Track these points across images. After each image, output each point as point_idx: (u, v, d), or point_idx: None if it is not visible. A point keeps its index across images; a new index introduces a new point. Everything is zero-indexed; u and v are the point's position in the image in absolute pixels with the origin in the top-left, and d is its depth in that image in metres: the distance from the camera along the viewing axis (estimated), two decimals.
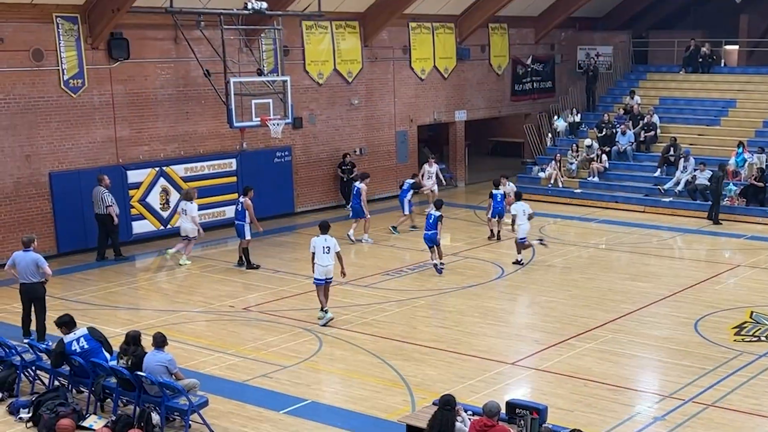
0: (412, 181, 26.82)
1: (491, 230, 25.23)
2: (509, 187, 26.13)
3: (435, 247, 21.34)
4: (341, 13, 29.50)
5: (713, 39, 35.51)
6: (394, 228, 25.97)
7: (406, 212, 26.22)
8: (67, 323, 13.69)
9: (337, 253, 17.58)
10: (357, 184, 25.16)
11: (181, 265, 22.35)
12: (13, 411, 13.46)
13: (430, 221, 21.28)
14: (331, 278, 17.69)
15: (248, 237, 22.15)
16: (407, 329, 17.44)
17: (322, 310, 17.75)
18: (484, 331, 17.32)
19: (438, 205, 21.82)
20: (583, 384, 14.39)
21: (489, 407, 10.36)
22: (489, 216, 25.14)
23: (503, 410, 10.83)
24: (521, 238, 22.19)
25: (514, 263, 22.24)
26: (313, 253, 17.53)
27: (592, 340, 16.52)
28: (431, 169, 29.39)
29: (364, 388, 14.38)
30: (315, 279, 17.61)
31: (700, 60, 34.86)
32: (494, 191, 24.80)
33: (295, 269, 21.98)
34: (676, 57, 36.66)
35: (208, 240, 25.06)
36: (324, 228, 17.80)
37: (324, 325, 17.50)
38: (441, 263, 21.39)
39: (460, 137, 35.30)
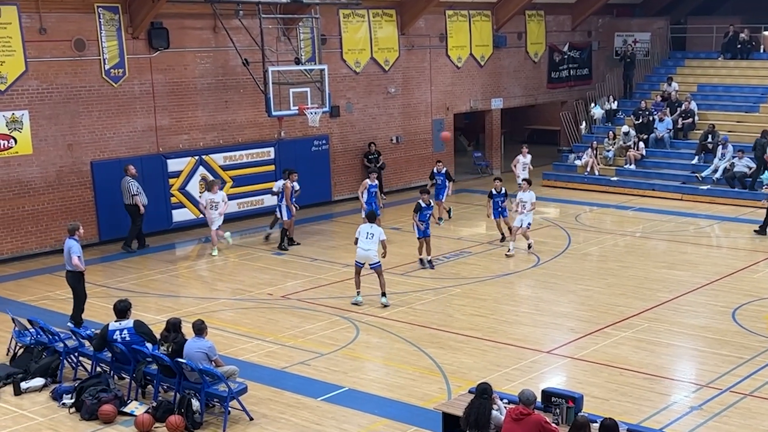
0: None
1: (501, 233, 23.53)
2: (527, 158, 26.23)
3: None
4: (378, 2, 29.58)
5: (752, 24, 35.10)
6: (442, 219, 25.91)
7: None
8: (120, 311, 13.72)
9: (382, 241, 18.03)
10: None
11: (213, 255, 22.61)
12: (57, 397, 13.72)
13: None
14: (373, 263, 18.01)
15: (286, 218, 22.61)
16: (443, 317, 17.56)
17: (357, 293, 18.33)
18: (519, 319, 17.40)
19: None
20: (618, 373, 14.41)
21: (525, 396, 10.41)
22: (493, 217, 23.48)
23: (539, 399, 10.89)
24: (528, 224, 22.34)
25: (529, 249, 22.33)
26: (357, 238, 18.05)
27: (628, 329, 16.53)
28: (525, 159, 28.06)
29: (401, 375, 14.51)
30: (356, 261, 18.16)
31: (739, 46, 34.53)
32: (494, 192, 23.14)
33: (333, 257, 22.18)
34: (715, 43, 36.30)
35: (246, 228, 25.35)
36: (371, 218, 18.43)
37: (354, 304, 18.06)
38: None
39: (497, 125, 35.26)
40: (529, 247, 22.35)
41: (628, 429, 10.53)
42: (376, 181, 24.39)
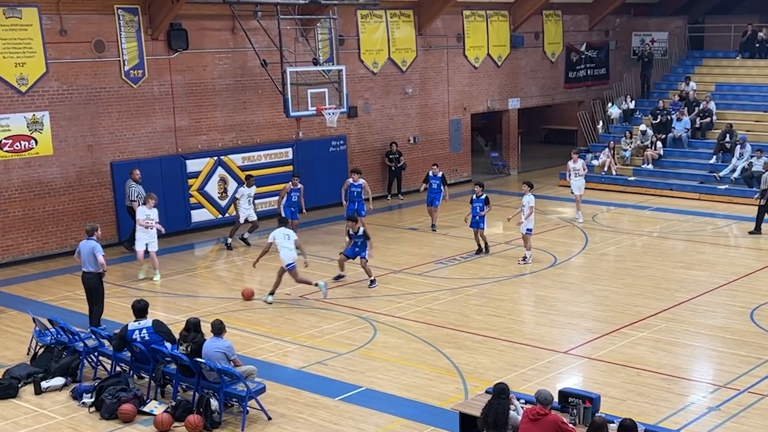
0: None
1: (478, 245, 22.38)
2: (578, 164, 25.85)
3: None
4: (396, 2, 29.65)
5: None
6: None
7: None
8: (138, 311, 13.83)
9: (296, 241, 18.72)
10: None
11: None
12: (77, 396, 13.83)
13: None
14: (290, 264, 18.49)
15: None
16: (460, 317, 17.60)
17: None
18: (536, 319, 17.43)
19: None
20: (636, 373, 14.42)
21: (543, 396, 10.44)
22: (469, 226, 22.34)
23: (556, 399, 10.92)
24: (528, 230, 21.46)
25: (522, 261, 21.45)
26: (270, 243, 18.57)
27: (645, 329, 16.53)
28: (575, 165, 26.23)
29: (418, 375, 14.55)
30: (287, 265, 18.51)
31: (758, 45, 34.44)
32: (474, 197, 22.06)
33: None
34: (733, 42, 36.20)
35: (264, 228, 25.39)
36: (283, 222, 19.31)
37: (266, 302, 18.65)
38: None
39: (514, 125, 35.27)
40: (524, 259, 21.42)
41: (646, 429, 10.55)
42: (361, 180, 23.89)
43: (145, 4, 23.61)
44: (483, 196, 21.88)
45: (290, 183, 23.62)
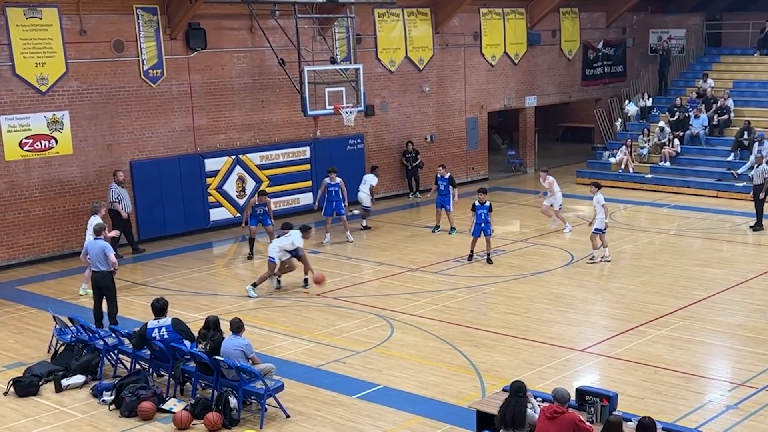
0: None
1: (471, 252, 21.68)
2: (548, 181, 24.36)
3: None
4: (413, 1, 29.67)
5: None
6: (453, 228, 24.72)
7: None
8: (158, 309, 13.94)
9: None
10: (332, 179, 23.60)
11: None
12: (97, 394, 13.92)
13: None
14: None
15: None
16: (477, 315, 17.66)
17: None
18: (553, 317, 17.44)
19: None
20: (653, 371, 14.41)
21: (560, 394, 10.44)
22: (473, 235, 21.56)
23: (573, 397, 10.92)
24: (596, 230, 21.33)
25: (590, 261, 21.38)
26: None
27: (662, 327, 16.52)
28: (544, 183, 24.77)
29: (435, 373, 14.61)
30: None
31: None
32: (477, 204, 21.30)
33: (368, 255, 22.35)
34: (751, 39, 36.05)
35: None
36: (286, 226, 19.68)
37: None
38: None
39: (530, 123, 35.23)
40: (591, 258, 21.27)
41: (663, 428, 10.57)
42: (338, 180, 23.58)
43: (163, 3, 23.74)
44: (487, 203, 21.29)
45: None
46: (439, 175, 24.68)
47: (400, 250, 22.74)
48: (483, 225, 21.22)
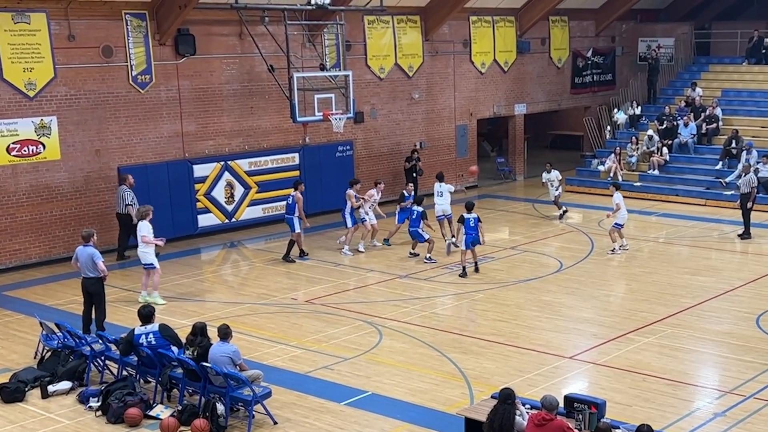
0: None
1: (463, 265, 21.00)
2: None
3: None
4: (403, 8, 29.70)
5: None
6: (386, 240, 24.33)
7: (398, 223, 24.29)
8: (144, 317, 13.93)
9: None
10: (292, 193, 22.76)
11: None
12: (83, 400, 13.86)
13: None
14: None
15: (297, 230, 22.41)
16: (466, 322, 17.66)
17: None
18: (542, 324, 17.44)
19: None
20: (641, 379, 14.43)
21: (548, 401, 10.44)
22: (461, 247, 21.14)
23: (561, 404, 10.92)
24: (616, 224, 23.04)
25: (611, 252, 22.88)
26: None
27: (651, 335, 16.54)
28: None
29: (423, 380, 14.58)
30: None
31: (764, 51, 34.46)
32: (466, 215, 20.98)
33: (356, 262, 22.31)
34: (739, 48, 36.25)
35: (271, 233, 25.54)
36: None
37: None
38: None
39: (520, 131, 35.30)
40: (613, 251, 22.88)
41: None
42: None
43: (152, 9, 23.70)
44: (475, 215, 21.01)
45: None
46: (406, 192, 24.27)
47: (389, 257, 22.74)
48: (474, 236, 20.84)
